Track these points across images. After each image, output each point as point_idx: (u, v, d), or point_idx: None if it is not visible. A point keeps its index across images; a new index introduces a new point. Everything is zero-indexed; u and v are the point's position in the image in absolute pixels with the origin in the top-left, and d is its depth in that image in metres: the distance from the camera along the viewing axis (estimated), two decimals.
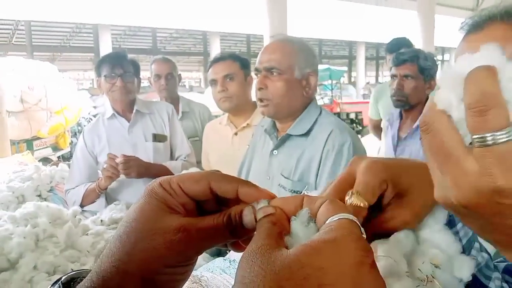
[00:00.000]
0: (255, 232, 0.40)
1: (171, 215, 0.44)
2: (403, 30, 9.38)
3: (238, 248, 0.47)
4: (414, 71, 2.38)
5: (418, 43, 10.95)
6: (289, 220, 0.41)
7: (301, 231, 0.39)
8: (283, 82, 1.64)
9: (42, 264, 1.36)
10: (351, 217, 0.37)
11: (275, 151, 1.71)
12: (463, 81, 0.35)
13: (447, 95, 0.36)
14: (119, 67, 2.29)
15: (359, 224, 0.37)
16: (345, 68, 24.32)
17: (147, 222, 0.43)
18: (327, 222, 0.37)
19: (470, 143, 0.35)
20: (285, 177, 1.62)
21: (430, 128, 0.37)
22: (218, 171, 0.47)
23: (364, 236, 0.37)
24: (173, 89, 3.12)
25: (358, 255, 0.33)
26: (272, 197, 0.44)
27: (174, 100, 3.07)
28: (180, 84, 3.27)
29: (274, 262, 0.33)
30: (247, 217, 0.43)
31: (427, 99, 2.43)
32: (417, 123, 2.38)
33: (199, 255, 0.46)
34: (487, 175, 0.33)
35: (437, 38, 12.21)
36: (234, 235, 0.44)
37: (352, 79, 27.95)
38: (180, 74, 3.24)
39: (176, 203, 0.45)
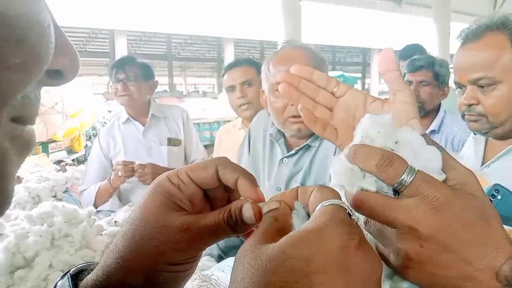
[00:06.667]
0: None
1: (174, 212, 0.44)
2: (418, 37, 9.33)
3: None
4: (430, 78, 2.39)
5: (433, 51, 10.87)
6: None
7: (298, 226, 0.39)
8: None
9: (58, 263, 1.38)
10: (336, 201, 0.37)
11: (286, 159, 1.56)
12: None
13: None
14: (121, 71, 2.32)
15: (347, 206, 0.38)
16: (359, 75, 24.21)
17: (150, 220, 0.44)
18: (314, 211, 0.38)
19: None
20: (298, 184, 1.48)
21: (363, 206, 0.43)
22: (226, 158, 0.48)
23: (355, 218, 0.37)
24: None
25: (341, 240, 0.33)
26: (261, 200, 0.44)
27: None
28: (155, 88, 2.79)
29: (261, 257, 0.33)
30: (247, 213, 0.43)
31: (439, 105, 2.44)
32: (430, 128, 2.39)
33: (202, 252, 0.47)
34: (427, 196, 0.39)
35: (452, 46, 12.10)
36: (235, 230, 0.44)
37: (366, 86, 27.80)
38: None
39: (183, 197, 0.45)
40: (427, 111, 2.43)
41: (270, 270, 0.32)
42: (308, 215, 0.40)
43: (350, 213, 0.37)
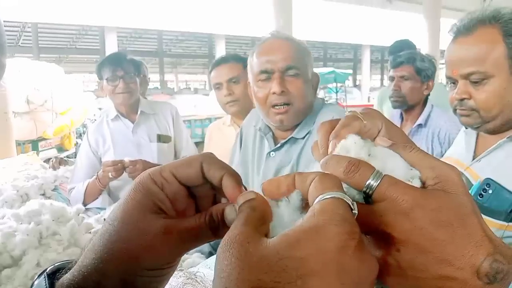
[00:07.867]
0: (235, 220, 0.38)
1: (153, 215, 0.42)
2: (408, 34, 9.36)
3: None
4: (411, 72, 2.43)
5: (424, 47, 10.92)
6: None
7: (286, 216, 0.38)
8: (302, 83, 1.45)
9: (45, 261, 1.35)
10: (337, 194, 0.36)
11: (273, 153, 1.56)
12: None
13: None
14: (120, 69, 2.29)
15: (348, 199, 0.36)
16: (350, 71, 24.31)
17: (128, 222, 0.42)
18: (313, 204, 0.36)
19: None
20: None
21: None
22: (212, 154, 0.46)
23: (355, 211, 0.36)
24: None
25: (340, 240, 0.32)
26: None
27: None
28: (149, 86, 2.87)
29: (251, 254, 0.32)
30: (230, 216, 0.42)
31: (426, 99, 2.46)
32: (417, 122, 2.43)
33: (180, 257, 0.45)
34: (395, 200, 0.39)
35: (442, 42, 12.17)
36: (217, 234, 0.43)
37: (357, 82, 27.90)
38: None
39: (164, 197, 0.44)
40: (413, 106, 2.47)
41: (262, 269, 0.31)
42: (303, 206, 0.39)
43: (351, 206, 0.36)
